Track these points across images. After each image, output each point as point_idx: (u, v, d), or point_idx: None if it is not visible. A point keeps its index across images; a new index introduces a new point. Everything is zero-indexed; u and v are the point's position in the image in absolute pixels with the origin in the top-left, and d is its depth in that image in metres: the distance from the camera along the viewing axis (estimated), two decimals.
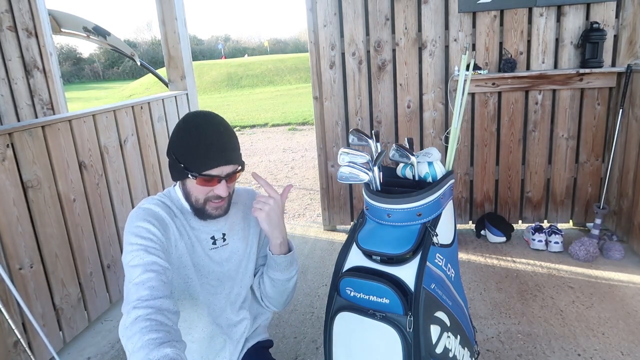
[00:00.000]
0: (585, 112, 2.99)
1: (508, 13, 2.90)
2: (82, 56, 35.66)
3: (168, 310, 0.97)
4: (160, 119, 2.95)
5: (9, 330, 1.82)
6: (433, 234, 1.19)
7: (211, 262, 1.25)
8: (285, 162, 6.10)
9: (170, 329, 0.93)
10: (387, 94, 3.11)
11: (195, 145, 1.11)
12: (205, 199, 1.16)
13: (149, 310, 0.93)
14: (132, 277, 1.01)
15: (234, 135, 1.17)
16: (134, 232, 1.09)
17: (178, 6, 3.04)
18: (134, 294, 0.98)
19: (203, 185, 1.13)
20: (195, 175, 1.11)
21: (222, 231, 1.27)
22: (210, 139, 1.11)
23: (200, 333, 1.26)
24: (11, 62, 3.36)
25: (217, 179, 1.12)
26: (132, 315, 0.93)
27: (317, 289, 2.63)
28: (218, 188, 1.14)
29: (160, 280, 1.01)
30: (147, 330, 0.89)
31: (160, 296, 0.98)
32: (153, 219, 1.12)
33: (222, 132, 1.13)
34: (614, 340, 2.01)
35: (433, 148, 1.35)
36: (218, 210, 1.18)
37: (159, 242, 1.09)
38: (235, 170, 1.15)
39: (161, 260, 1.05)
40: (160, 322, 0.92)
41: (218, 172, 1.12)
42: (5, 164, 1.85)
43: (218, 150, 1.11)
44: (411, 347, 1.10)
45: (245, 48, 40.36)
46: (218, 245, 1.26)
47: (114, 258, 2.50)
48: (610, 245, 2.74)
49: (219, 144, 1.12)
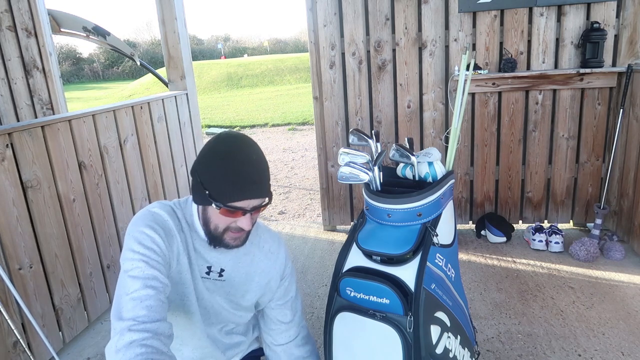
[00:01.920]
0: (585, 112, 2.99)
1: (508, 13, 2.89)
2: (81, 56, 35.64)
3: (164, 334, 0.94)
4: (160, 119, 2.95)
5: (8, 331, 1.82)
6: (433, 234, 1.18)
7: (202, 287, 1.18)
8: (285, 162, 6.10)
9: (166, 357, 0.90)
10: (387, 94, 3.10)
11: (223, 174, 1.03)
12: (225, 228, 1.08)
13: (145, 335, 0.90)
14: (129, 289, 0.97)
15: (265, 165, 1.09)
16: (138, 238, 1.03)
17: (178, 6, 3.04)
18: (130, 310, 0.94)
19: (226, 216, 1.06)
20: (219, 205, 1.03)
21: (222, 266, 1.18)
22: (240, 169, 1.03)
23: (192, 353, 1.22)
24: (11, 62, 3.36)
25: (242, 212, 1.05)
26: (126, 338, 0.89)
27: (317, 289, 2.62)
28: (241, 220, 1.06)
29: (159, 300, 0.97)
30: (142, 358, 0.86)
31: (157, 319, 0.94)
32: (159, 228, 1.06)
33: (254, 162, 1.05)
34: (615, 341, 2.00)
35: (433, 148, 1.34)
36: (236, 241, 1.11)
37: (162, 254, 1.04)
38: (264, 204, 1.08)
39: (161, 276, 1.01)
40: (156, 349, 0.89)
41: (244, 204, 1.04)
42: (5, 164, 1.85)
43: (248, 183, 1.03)
44: (411, 347, 1.10)
45: (245, 48, 40.35)
46: (211, 277, 1.18)
47: (113, 258, 2.49)
48: (611, 246, 2.73)
49: (249, 175, 1.03)
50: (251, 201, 1.04)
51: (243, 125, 9.38)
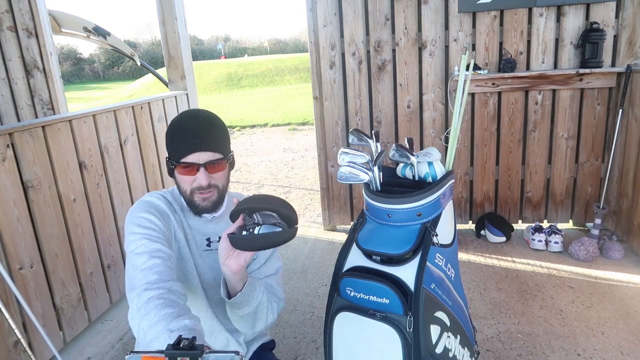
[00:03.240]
0: (585, 112, 2.99)
1: (508, 13, 2.90)
2: (82, 56, 35.66)
3: (178, 292, 0.98)
4: (161, 119, 2.95)
5: (9, 330, 1.82)
6: (433, 234, 1.19)
7: (204, 263, 1.23)
8: (285, 162, 6.10)
9: (183, 307, 0.94)
10: (387, 94, 3.11)
11: (172, 133, 1.12)
12: (191, 190, 1.14)
13: (161, 291, 0.95)
14: (138, 264, 1.01)
15: (217, 125, 1.14)
16: (136, 222, 1.09)
17: (178, 6, 3.04)
18: (141, 279, 0.98)
19: (184, 175, 1.12)
20: (173, 163, 1.11)
21: (219, 234, 1.24)
22: (187, 126, 1.11)
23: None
24: (11, 62, 3.36)
25: (195, 167, 1.10)
26: (143, 296, 0.94)
27: (317, 289, 2.63)
28: (198, 177, 1.11)
29: (167, 266, 1.02)
30: (162, 306, 0.90)
31: (168, 279, 0.99)
32: (154, 210, 1.13)
33: (201, 121, 1.12)
34: (614, 340, 2.01)
35: (433, 148, 1.35)
36: (205, 201, 1.15)
37: (161, 231, 1.10)
38: (216, 159, 1.11)
39: (165, 248, 1.06)
40: (172, 300, 0.94)
41: (194, 159, 1.09)
42: (6, 164, 1.85)
43: (193, 137, 1.09)
44: (411, 347, 1.10)
45: (245, 48, 40.34)
46: (213, 247, 1.24)
47: (114, 258, 2.50)
48: (610, 245, 2.74)
49: (194, 131, 1.10)
50: (200, 154, 1.09)
51: (243, 125, 9.38)
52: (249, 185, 5.14)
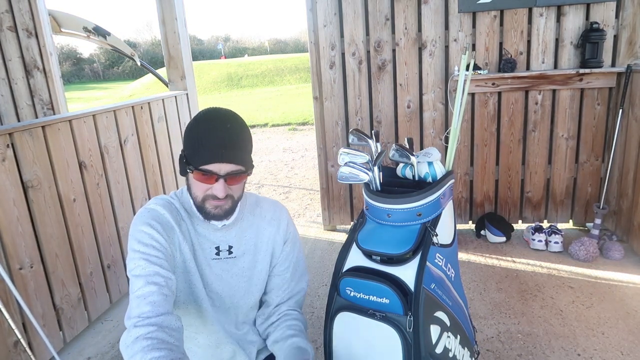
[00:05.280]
0: (585, 112, 2.99)
1: (508, 13, 2.90)
2: (82, 56, 35.67)
3: (169, 327, 0.96)
4: (161, 119, 2.95)
5: (9, 330, 1.82)
6: (433, 234, 1.19)
7: (212, 272, 1.19)
8: (285, 162, 6.10)
9: (172, 346, 0.93)
10: (387, 94, 3.11)
11: (196, 137, 1.05)
12: (204, 197, 1.09)
13: (150, 329, 0.94)
14: (134, 289, 1.01)
15: (244, 134, 1.08)
16: (137, 237, 1.07)
17: (178, 6, 3.04)
18: (135, 308, 0.98)
19: (200, 181, 1.07)
20: (191, 168, 1.05)
21: (229, 243, 1.20)
22: (213, 132, 1.04)
23: (206, 339, 1.23)
24: (11, 62, 3.36)
25: (215, 177, 1.05)
26: (132, 334, 0.93)
27: (317, 289, 2.63)
28: (216, 187, 1.06)
29: (162, 294, 1.00)
30: (148, 349, 0.90)
31: (161, 312, 0.97)
32: (156, 223, 1.09)
33: (229, 129, 1.05)
34: (614, 340, 2.01)
35: (433, 148, 1.35)
36: (217, 209, 1.10)
37: (162, 249, 1.07)
38: (237, 171, 1.06)
39: (163, 271, 1.04)
40: (161, 340, 0.92)
41: (215, 168, 1.04)
42: (6, 164, 1.85)
43: (218, 146, 1.03)
44: (411, 347, 1.10)
45: (246, 48, 40.33)
46: (222, 256, 1.19)
47: (114, 258, 2.50)
48: (610, 245, 2.74)
49: (221, 139, 1.03)
50: (222, 165, 1.04)
51: None
52: (249, 185, 5.14)
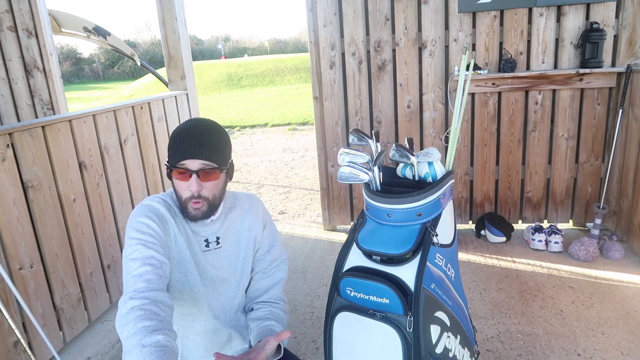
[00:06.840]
0: (585, 112, 2.99)
1: (508, 13, 2.90)
2: (82, 56, 35.68)
3: (162, 302, 1.02)
4: (160, 119, 2.95)
5: (9, 330, 1.82)
6: (433, 234, 1.19)
7: (206, 262, 1.27)
8: (285, 162, 6.10)
9: (163, 319, 0.98)
10: (387, 94, 3.11)
11: (173, 137, 1.16)
12: (185, 198, 1.17)
13: (144, 301, 0.99)
14: (130, 270, 1.06)
15: (216, 135, 1.17)
16: (135, 227, 1.13)
17: (178, 6, 3.04)
18: (131, 285, 1.03)
19: (178, 180, 1.15)
20: (167, 165, 1.16)
21: (217, 235, 1.28)
22: (186, 134, 1.14)
23: (203, 326, 1.29)
24: (11, 62, 3.36)
25: (189, 173, 1.13)
26: (128, 305, 0.98)
27: (317, 289, 2.63)
28: (190, 183, 1.14)
29: (157, 274, 1.06)
30: (141, 318, 0.95)
31: (155, 289, 1.03)
32: (153, 215, 1.16)
33: (201, 130, 1.15)
34: (614, 340, 2.01)
35: (433, 148, 1.35)
36: (197, 211, 1.18)
37: (158, 237, 1.13)
38: (209, 167, 1.14)
39: (159, 255, 1.10)
40: (153, 312, 0.98)
41: (188, 164, 1.12)
42: (6, 164, 1.85)
43: (189, 144, 1.13)
44: (411, 347, 1.10)
45: (246, 48, 40.33)
46: (211, 248, 1.28)
47: (114, 258, 2.50)
48: (610, 245, 2.74)
49: (192, 138, 1.13)
50: (193, 161, 1.13)
51: (243, 125, 9.38)
52: (249, 185, 5.14)
